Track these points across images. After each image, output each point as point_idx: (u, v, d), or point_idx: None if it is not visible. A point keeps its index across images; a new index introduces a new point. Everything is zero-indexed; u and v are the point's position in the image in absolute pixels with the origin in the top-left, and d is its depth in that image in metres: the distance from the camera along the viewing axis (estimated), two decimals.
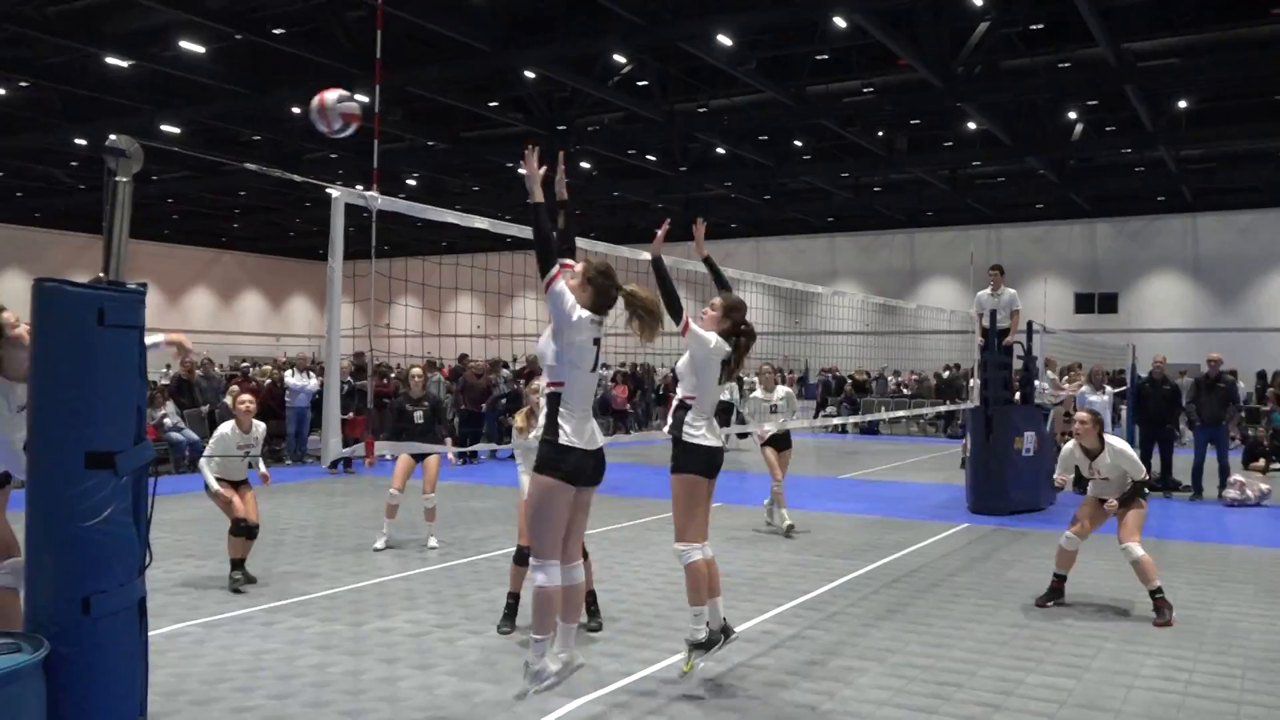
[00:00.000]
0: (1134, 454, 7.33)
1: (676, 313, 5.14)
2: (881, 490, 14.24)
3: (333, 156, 28.59)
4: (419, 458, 9.52)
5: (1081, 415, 7.23)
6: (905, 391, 28.62)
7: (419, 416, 10.05)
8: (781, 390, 10.82)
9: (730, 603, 7.26)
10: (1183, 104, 24.44)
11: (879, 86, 23.04)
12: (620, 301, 4.77)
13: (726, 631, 5.52)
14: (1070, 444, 7.31)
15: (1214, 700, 5.27)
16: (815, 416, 21.80)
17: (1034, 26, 20.30)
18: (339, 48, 19.38)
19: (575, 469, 4.56)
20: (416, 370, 10.76)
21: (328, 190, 4.77)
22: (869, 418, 18.84)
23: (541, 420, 4.70)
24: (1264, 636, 6.52)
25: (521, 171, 4.79)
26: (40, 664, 3.26)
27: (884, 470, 17.04)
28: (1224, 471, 13.29)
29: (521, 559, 6.19)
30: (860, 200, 34.53)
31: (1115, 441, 7.20)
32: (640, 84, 23.06)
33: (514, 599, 6.51)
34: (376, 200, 5.01)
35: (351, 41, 19.05)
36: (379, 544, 9.25)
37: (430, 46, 19.69)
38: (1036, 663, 5.90)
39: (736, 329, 5.42)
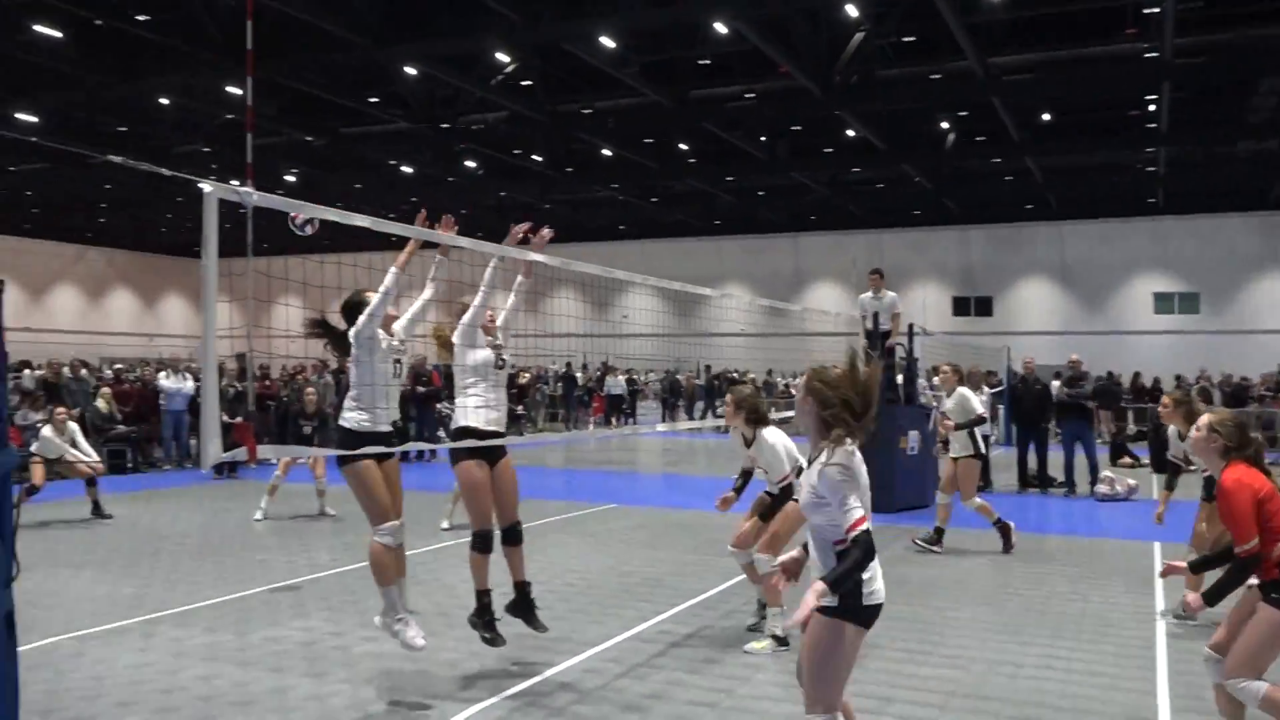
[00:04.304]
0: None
1: None
2: None
3: (205, 150, 27.55)
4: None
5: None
6: (793, 392, 29.16)
7: (307, 429, 11.80)
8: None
9: (627, 603, 7.27)
10: (1047, 116, 25.57)
11: (760, 93, 23.40)
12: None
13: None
14: None
15: (1091, 688, 5.50)
16: (704, 417, 22.01)
17: (906, 39, 20.94)
18: (208, 37, 18.67)
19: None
20: (310, 390, 12.64)
21: (199, 185, 4.56)
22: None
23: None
24: (1135, 626, 6.83)
25: None
26: None
27: None
28: (1093, 468, 13.87)
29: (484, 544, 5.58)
30: (744, 204, 35.01)
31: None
32: (524, 83, 22.88)
33: (486, 597, 5.65)
34: (252, 196, 4.82)
35: (221, 31, 18.38)
36: (257, 515, 10.98)
37: (306, 38, 19.11)
38: (926, 655, 6.07)
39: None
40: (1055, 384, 15.92)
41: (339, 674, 5.58)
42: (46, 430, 11.13)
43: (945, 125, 26.52)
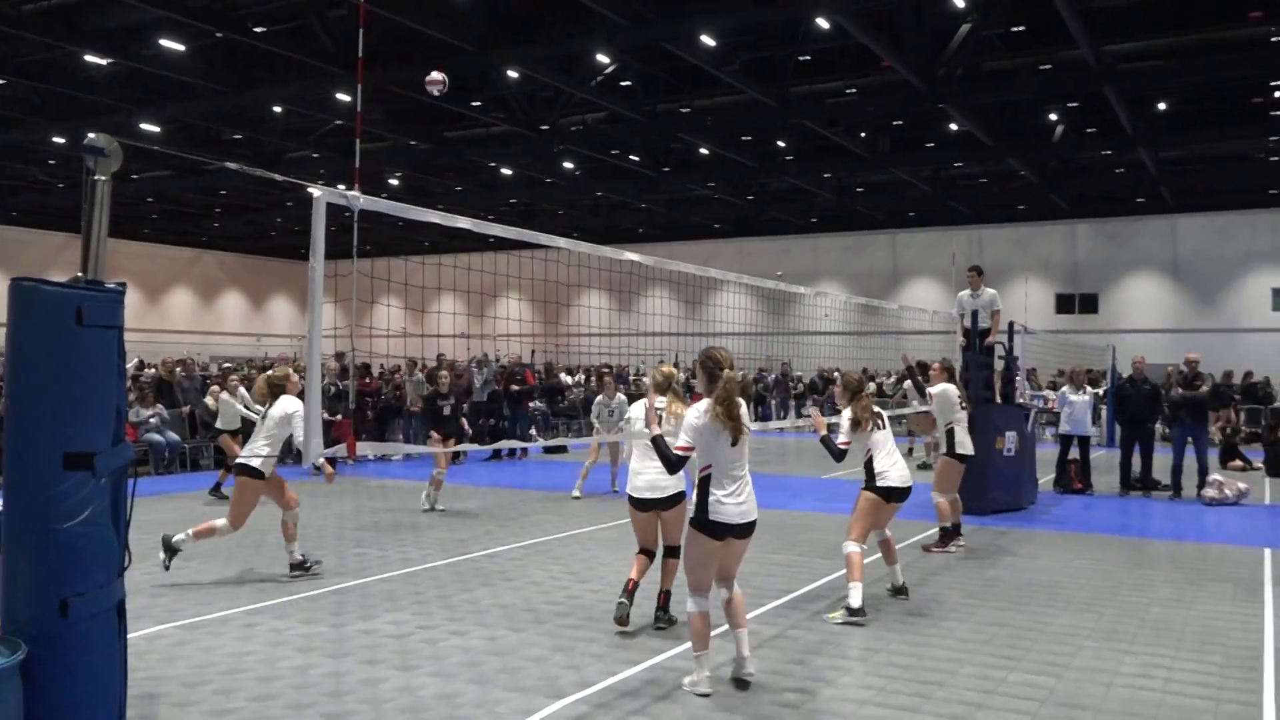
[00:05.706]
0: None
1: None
2: None
3: (314, 156, 28.46)
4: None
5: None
6: (886, 391, 28.68)
7: (447, 410, 12.51)
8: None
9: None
10: (1162, 106, 24.63)
11: (861, 88, 23.08)
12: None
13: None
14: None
15: (1192, 698, 5.31)
16: (797, 416, 21.87)
17: (1015, 28, 20.39)
18: (320, 46, 19.32)
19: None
20: (444, 372, 13.47)
21: (309, 190, 4.73)
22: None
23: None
24: (1243, 635, 6.57)
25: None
26: (16, 667, 3.22)
27: None
28: (1203, 471, 13.38)
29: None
30: (843, 201, 34.59)
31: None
32: (623, 84, 23.03)
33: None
34: (358, 200, 4.99)
35: (333, 40, 19.00)
36: (425, 505, 11.76)
37: (412, 45, 19.56)
38: (1017, 660, 5.93)
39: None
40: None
41: (428, 667, 5.71)
42: (225, 397, 12.80)
43: (1054, 117, 25.78)
